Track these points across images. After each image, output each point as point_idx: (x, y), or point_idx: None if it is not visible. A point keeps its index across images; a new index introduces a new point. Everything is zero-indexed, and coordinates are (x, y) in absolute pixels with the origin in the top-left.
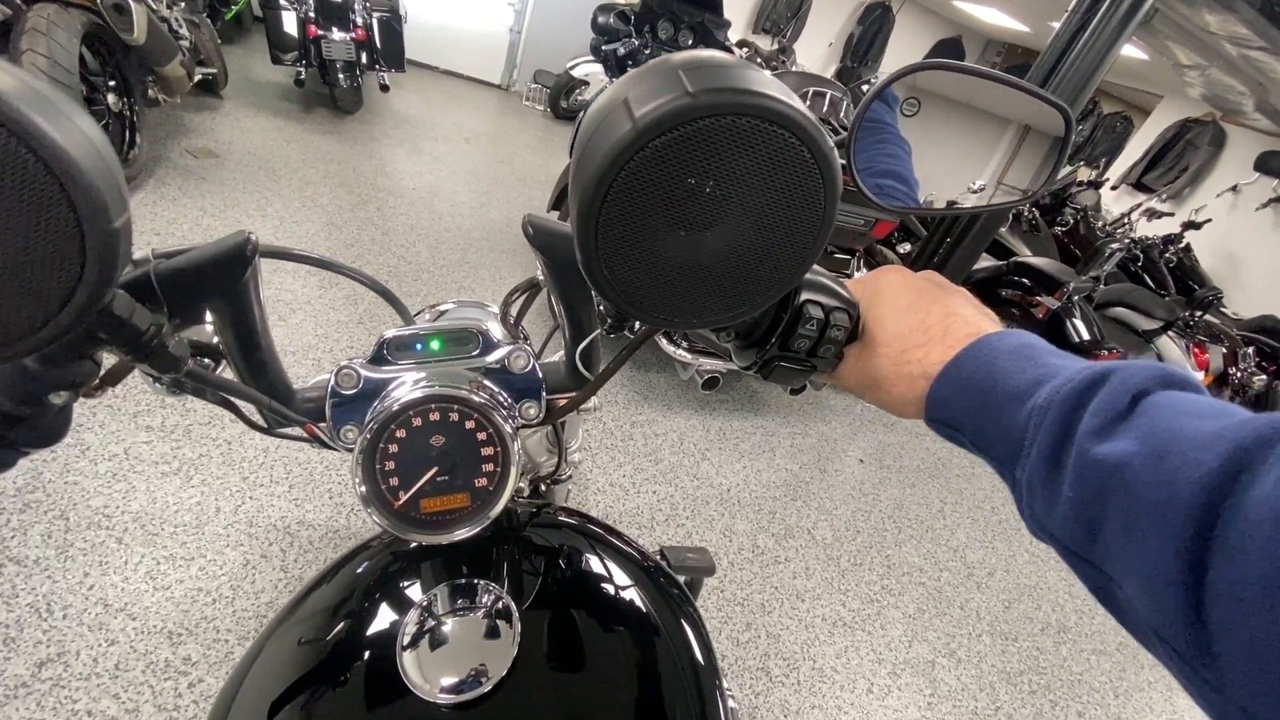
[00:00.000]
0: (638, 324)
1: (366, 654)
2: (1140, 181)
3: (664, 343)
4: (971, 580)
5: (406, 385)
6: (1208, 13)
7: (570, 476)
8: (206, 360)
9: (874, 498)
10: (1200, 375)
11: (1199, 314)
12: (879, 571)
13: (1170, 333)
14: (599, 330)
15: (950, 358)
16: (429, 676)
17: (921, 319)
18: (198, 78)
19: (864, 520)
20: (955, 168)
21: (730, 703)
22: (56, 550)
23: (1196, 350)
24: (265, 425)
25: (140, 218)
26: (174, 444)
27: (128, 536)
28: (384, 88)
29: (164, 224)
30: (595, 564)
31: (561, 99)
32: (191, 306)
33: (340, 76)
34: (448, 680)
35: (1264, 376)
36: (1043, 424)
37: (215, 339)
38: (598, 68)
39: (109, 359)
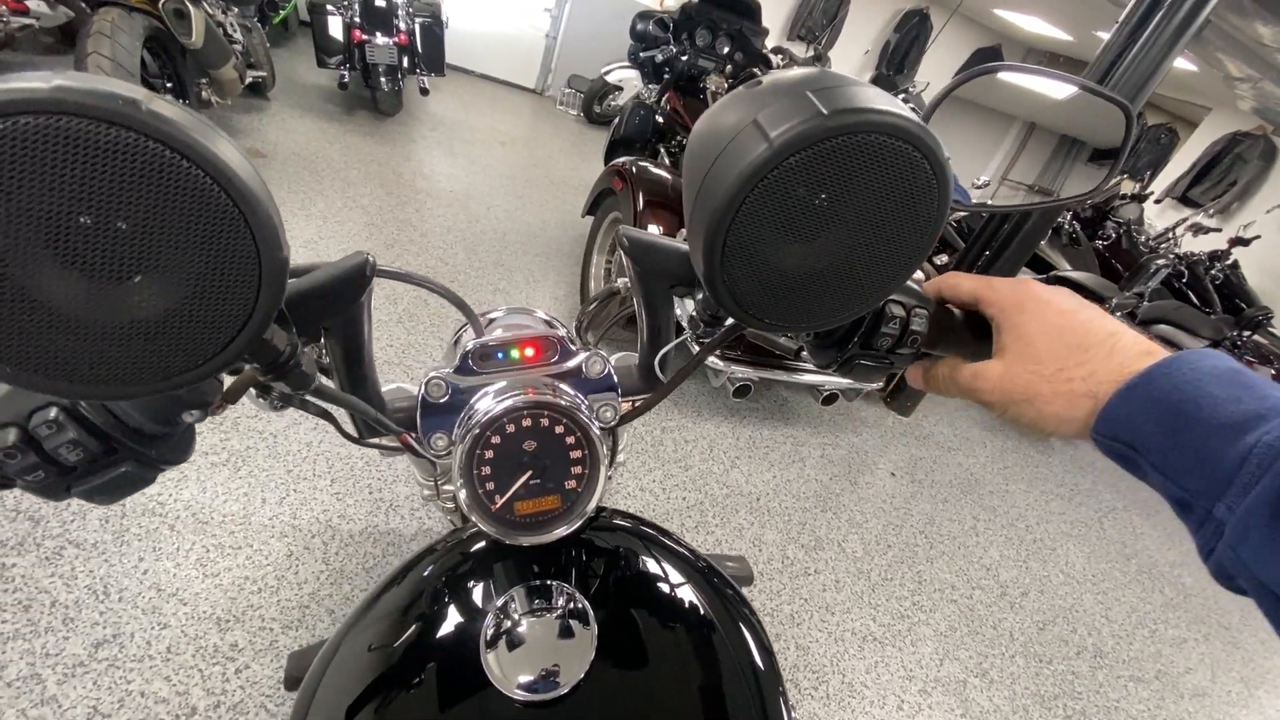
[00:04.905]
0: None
1: (448, 653)
2: (1186, 195)
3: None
4: (1005, 600)
5: (491, 394)
6: (1261, 24)
7: (611, 478)
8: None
9: (905, 512)
10: None
11: (1247, 334)
12: (910, 587)
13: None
14: (687, 336)
15: (1129, 375)
16: (510, 675)
17: (1081, 337)
18: (249, 80)
19: (895, 534)
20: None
21: (791, 709)
22: (114, 535)
23: None
24: (357, 435)
25: None
26: (223, 435)
27: (180, 524)
28: (424, 91)
29: None
30: (658, 566)
31: (595, 104)
32: (314, 325)
33: (382, 80)
34: (528, 679)
35: None
36: (1273, 465)
37: (322, 354)
38: (632, 73)
39: (228, 377)
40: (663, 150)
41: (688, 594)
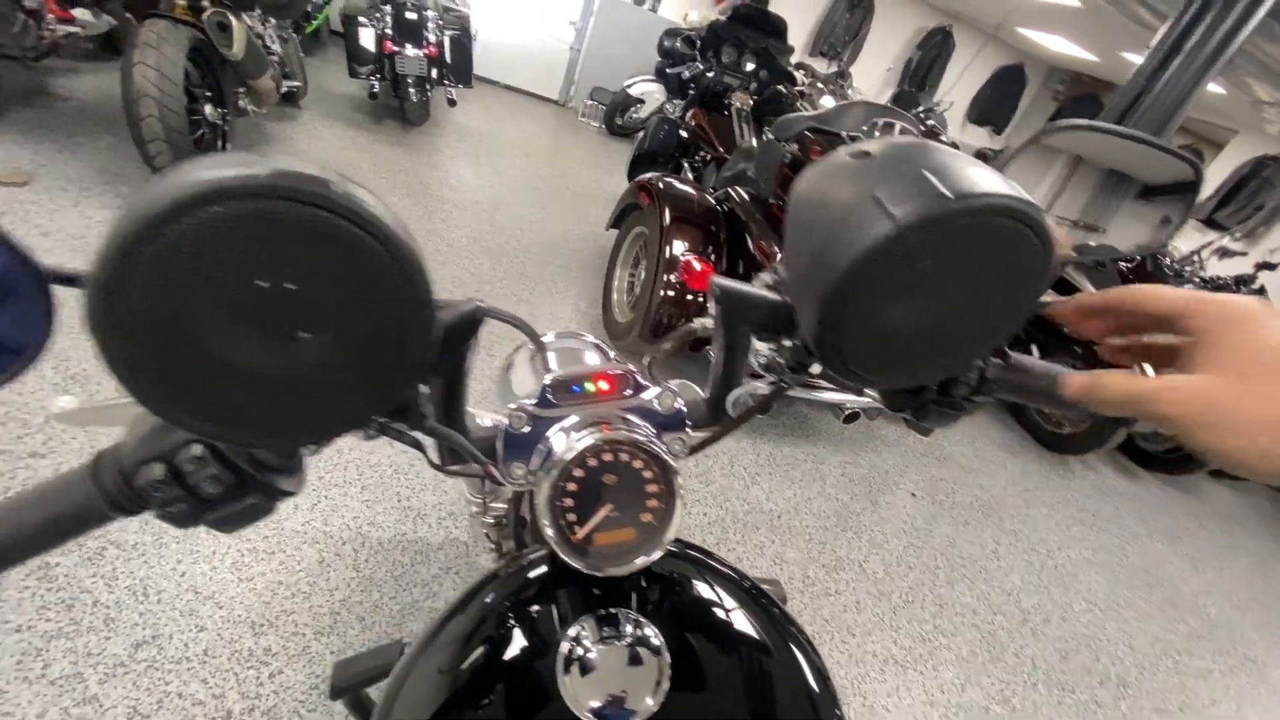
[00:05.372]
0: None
1: (524, 678)
2: (1211, 218)
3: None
4: (1027, 626)
5: (571, 428)
6: None
7: None
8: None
9: (926, 533)
10: None
11: None
12: (931, 610)
13: None
14: (773, 379)
15: None
16: (586, 701)
17: None
18: (284, 90)
19: (915, 556)
20: None
21: None
22: (153, 538)
23: None
24: (440, 462)
25: None
26: None
27: None
28: (451, 102)
29: None
30: (715, 592)
31: (617, 116)
32: (429, 366)
33: (411, 91)
34: (602, 706)
35: None
36: None
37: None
38: (654, 86)
39: None
40: (686, 165)
41: (748, 621)
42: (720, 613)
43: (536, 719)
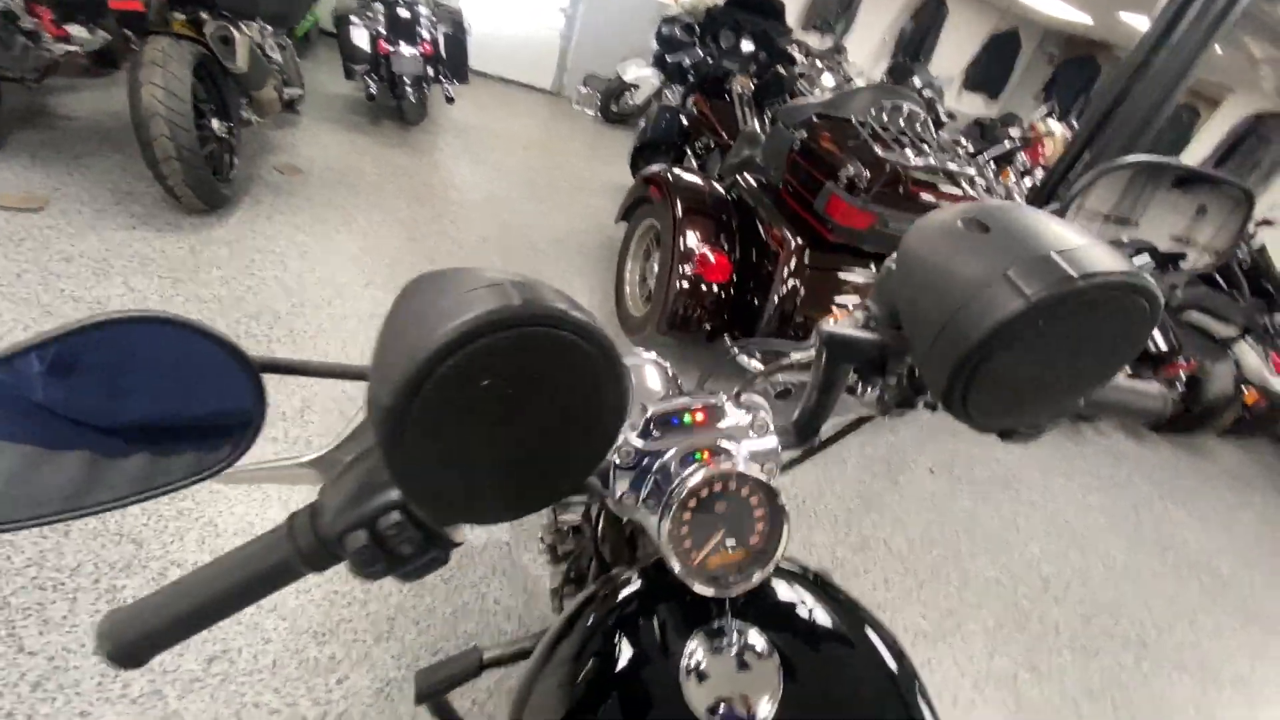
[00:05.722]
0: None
1: (647, 690)
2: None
3: (740, 355)
4: (1048, 594)
5: (678, 459)
6: None
7: None
8: None
9: (946, 509)
10: None
11: (1279, 318)
12: (956, 584)
13: (1248, 338)
14: (876, 412)
15: None
16: (708, 710)
17: None
18: (286, 98)
19: (938, 531)
20: None
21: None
22: (210, 554)
23: (1276, 357)
24: None
25: (242, 236)
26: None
27: None
28: (449, 99)
29: (264, 240)
30: (807, 596)
31: (612, 103)
32: None
33: (409, 90)
34: (721, 711)
35: None
36: None
37: None
38: (648, 71)
39: None
40: (689, 152)
41: (840, 620)
42: (817, 615)
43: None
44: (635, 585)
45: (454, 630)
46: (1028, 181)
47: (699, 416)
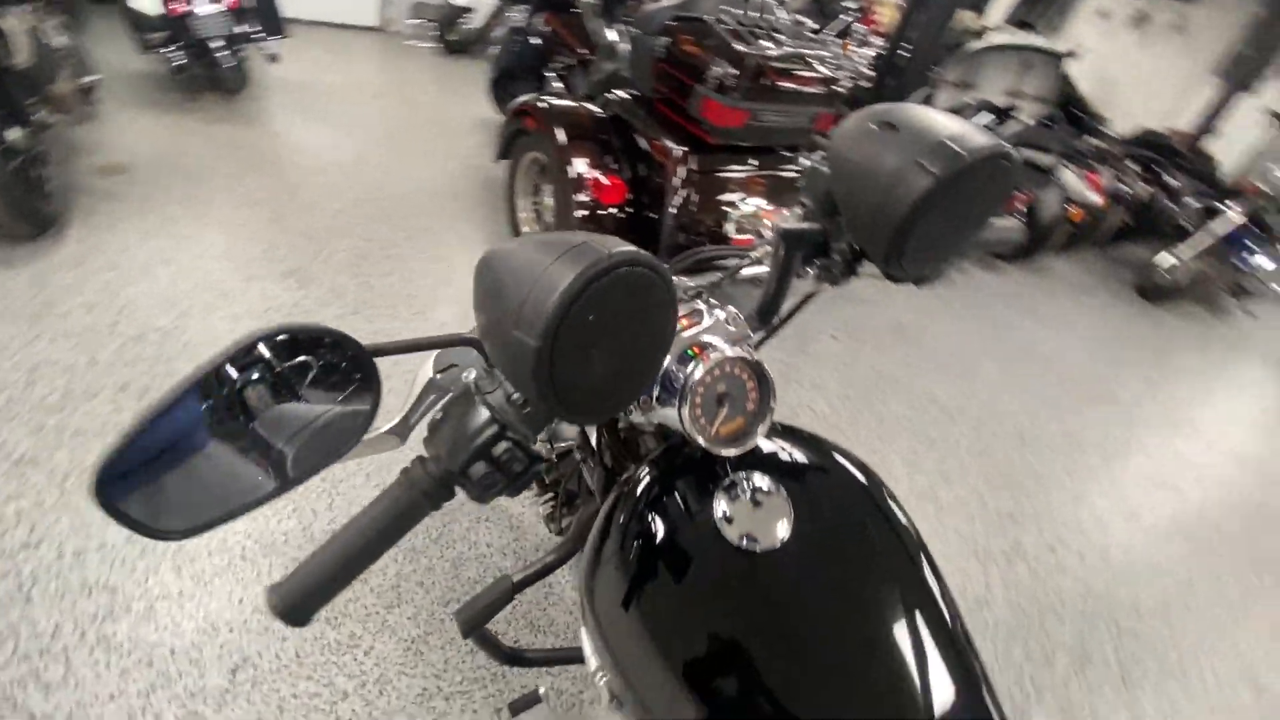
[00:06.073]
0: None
1: (692, 535)
2: (1023, 21)
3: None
4: (946, 416)
5: (672, 359)
6: None
7: None
8: None
9: (853, 366)
10: (1097, 197)
11: (1089, 140)
12: (873, 426)
13: (1067, 164)
14: (827, 284)
15: None
16: (738, 538)
17: None
18: (83, 85)
19: (850, 388)
20: None
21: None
22: (193, 579)
23: (1090, 175)
24: None
25: (87, 255)
26: None
27: (247, 553)
28: (273, 58)
29: (115, 255)
30: (809, 452)
31: (448, 31)
32: None
33: (220, 55)
34: (751, 540)
35: (1149, 188)
36: None
37: None
38: None
39: None
40: (550, 76)
41: (826, 459)
42: (805, 456)
43: (711, 555)
44: (654, 472)
45: (458, 580)
46: (869, 51)
47: (684, 323)
